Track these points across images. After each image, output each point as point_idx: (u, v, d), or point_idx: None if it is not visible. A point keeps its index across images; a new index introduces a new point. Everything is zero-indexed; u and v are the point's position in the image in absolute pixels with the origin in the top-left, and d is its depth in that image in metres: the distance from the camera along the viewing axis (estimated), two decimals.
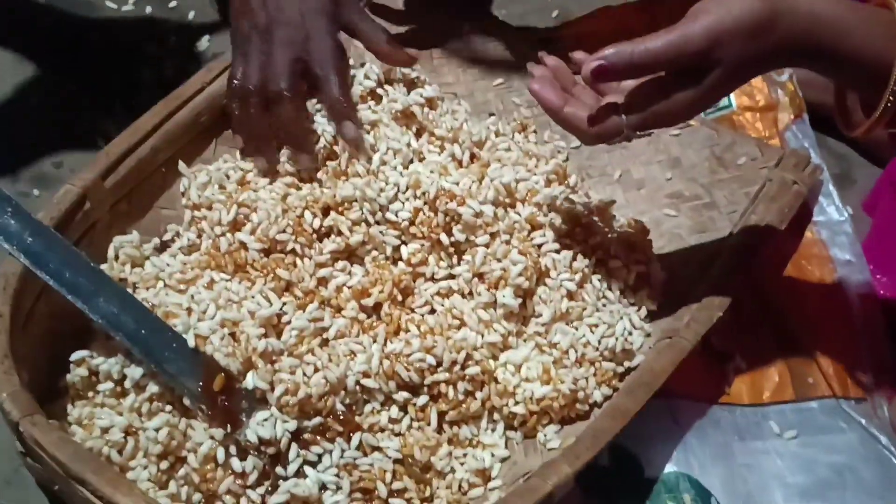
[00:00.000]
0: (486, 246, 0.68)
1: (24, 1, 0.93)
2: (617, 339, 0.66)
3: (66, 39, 0.91)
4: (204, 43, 0.93)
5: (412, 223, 0.69)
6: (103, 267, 0.66)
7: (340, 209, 0.69)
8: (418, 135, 0.75)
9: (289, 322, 0.64)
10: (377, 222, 0.69)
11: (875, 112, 0.61)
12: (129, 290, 0.65)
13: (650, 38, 0.58)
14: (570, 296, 0.67)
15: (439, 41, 0.87)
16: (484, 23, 0.90)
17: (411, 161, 0.73)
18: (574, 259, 0.69)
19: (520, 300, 0.66)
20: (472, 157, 0.74)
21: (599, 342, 0.66)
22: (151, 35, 0.92)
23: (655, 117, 0.60)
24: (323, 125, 0.71)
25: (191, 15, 0.94)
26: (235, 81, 0.71)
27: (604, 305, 0.68)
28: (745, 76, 0.60)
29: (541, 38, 0.92)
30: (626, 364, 0.67)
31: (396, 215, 0.69)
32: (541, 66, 0.65)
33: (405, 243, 0.69)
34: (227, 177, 0.73)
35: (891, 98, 0.59)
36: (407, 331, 0.65)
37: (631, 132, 0.60)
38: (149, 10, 0.94)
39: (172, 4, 0.95)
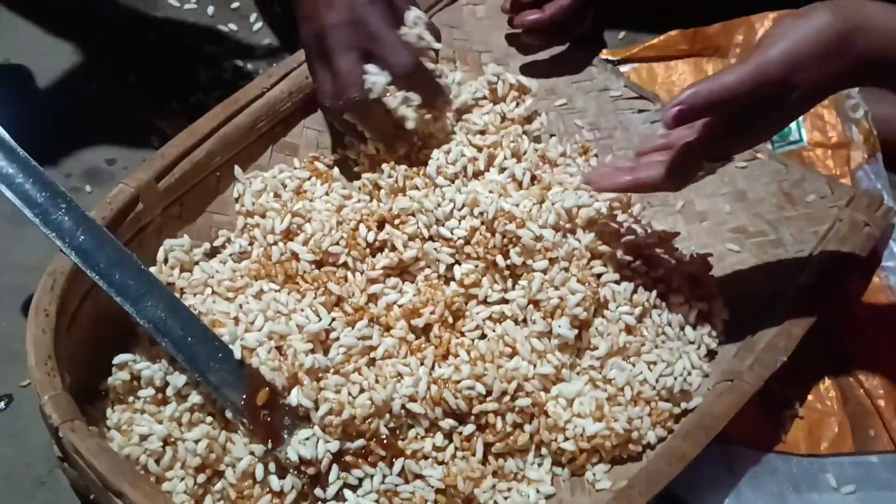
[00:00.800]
0: (544, 272, 0.65)
1: None
2: (675, 378, 0.64)
3: (126, 34, 0.91)
4: (264, 45, 0.91)
5: (467, 242, 0.67)
6: (152, 270, 0.65)
7: (396, 222, 0.67)
8: (479, 149, 0.73)
9: (337, 338, 0.62)
10: (431, 238, 0.67)
11: None
12: (178, 296, 0.64)
13: (725, 74, 0.57)
14: (629, 330, 0.65)
15: (500, 58, 0.85)
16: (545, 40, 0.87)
17: (473, 175, 0.71)
18: (635, 292, 0.66)
19: (576, 331, 0.64)
20: (533, 178, 0.72)
21: (657, 381, 0.63)
22: (212, 34, 0.91)
23: (732, 147, 0.59)
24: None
25: (252, 17, 0.93)
26: (319, 99, 0.72)
27: (662, 342, 0.65)
28: (822, 96, 0.59)
29: (609, 61, 0.89)
30: (684, 405, 0.64)
31: (452, 232, 0.67)
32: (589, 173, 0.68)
33: (459, 262, 0.67)
34: (284, 185, 0.72)
35: None
36: (456, 355, 0.63)
37: (710, 167, 0.59)
38: (211, 9, 0.93)
39: (235, 5, 0.94)
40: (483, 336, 0.65)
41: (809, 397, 0.72)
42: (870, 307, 0.79)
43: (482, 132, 0.76)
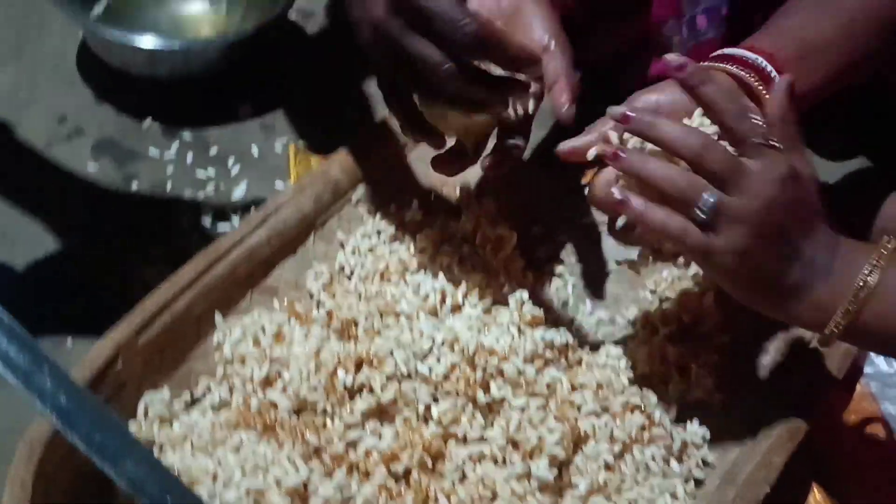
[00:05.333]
0: (522, 409, 0.66)
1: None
2: None
3: (110, 187, 0.93)
4: (242, 190, 0.94)
5: (446, 378, 0.67)
6: (132, 424, 0.65)
7: (374, 363, 0.68)
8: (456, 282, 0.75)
9: (315, 490, 0.62)
10: (409, 375, 0.68)
11: None
12: (157, 451, 0.64)
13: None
14: (608, 467, 0.64)
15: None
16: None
17: (451, 308, 0.72)
18: (615, 423, 0.66)
19: (555, 471, 0.64)
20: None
21: None
22: (192, 181, 0.94)
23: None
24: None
25: (230, 161, 0.96)
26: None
27: (644, 479, 0.65)
28: None
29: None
30: None
31: (430, 371, 0.68)
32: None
33: (437, 400, 0.68)
34: (263, 329, 0.72)
35: None
36: (436, 500, 0.63)
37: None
38: (190, 156, 0.96)
39: (213, 151, 0.97)
40: (463, 477, 0.65)
41: None
42: (854, 418, 0.79)
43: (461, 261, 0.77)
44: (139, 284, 0.84)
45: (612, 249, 0.84)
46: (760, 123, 0.60)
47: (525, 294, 0.73)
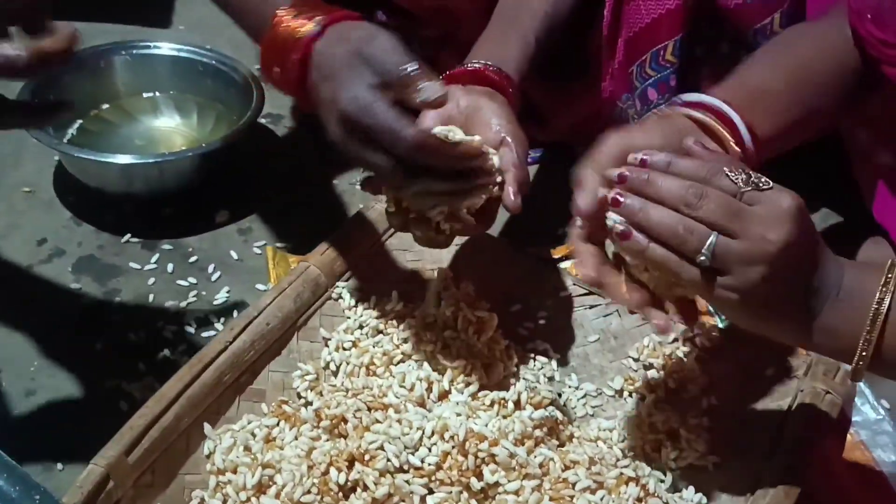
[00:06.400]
0: (517, 493, 0.66)
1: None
2: None
3: (92, 303, 0.94)
4: (224, 294, 0.95)
5: (439, 467, 0.67)
6: None
7: (366, 459, 0.68)
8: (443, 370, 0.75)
9: None
10: (402, 468, 0.68)
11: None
12: None
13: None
14: None
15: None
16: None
17: (438, 396, 0.73)
18: (611, 497, 0.66)
19: None
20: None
21: None
22: (173, 290, 0.95)
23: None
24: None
25: (210, 268, 0.97)
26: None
27: None
28: None
29: (554, 260, 0.92)
30: None
31: (422, 461, 0.68)
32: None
33: (432, 491, 0.67)
34: (253, 435, 0.72)
35: None
36: None
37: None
38: (170, 266, 0.97)
39: (193, 259, 0.98)
40: None
41: None
42: (848, 465, 0.80)
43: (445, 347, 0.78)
44: (127, 400, 0.84)
45: (592, 321, 0.85)
46: (738, 173, 0.61)
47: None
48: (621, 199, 0.61)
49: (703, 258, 0.59)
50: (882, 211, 0.88)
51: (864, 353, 0.61)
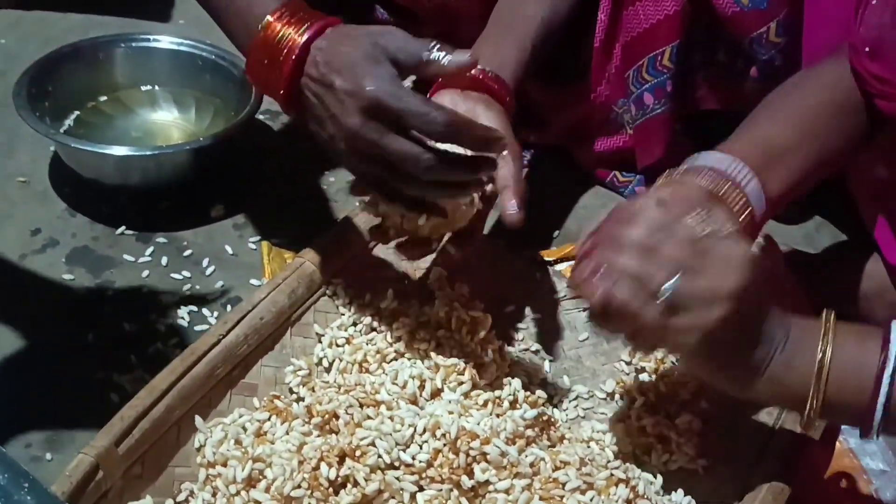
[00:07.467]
0: (507, 492, 0.66)
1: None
2: None
3: (85, 295, 0.94)
4: (218, 289, 0.95)
5: (430, 465, 0.68)
6: None
7: (357, 455, 0.68)
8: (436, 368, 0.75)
9: None
10: (393, 465, 0.68)
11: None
12: None
13: None
14: None
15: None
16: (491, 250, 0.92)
17: (430, 395, 0.73)
18: (601, 498, 0.67)
19: None
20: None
21: None
22: (167, 284, 0.95)
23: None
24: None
25: (205, 262, 0.97)
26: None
27: None
28: None
29: (547, 262, 0.93)
30: None
31: (413, 458, 0.68)
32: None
33: (422, 488, 0.68)
34: (244, 429, 0.72)
35: None
36: None
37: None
38: (164, 259, 0.97)
39: (187, 253, 0.98)
40: None
41: None
42: (836, 475, 0.80)
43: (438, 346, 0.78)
44: (118, 392, 0.84)
45: (585, 323, 0.85)
46: (702, 218, 0.64)
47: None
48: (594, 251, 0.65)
49: (663, 301, 0.61)
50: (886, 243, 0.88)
51: (814, 403, 0.63)
